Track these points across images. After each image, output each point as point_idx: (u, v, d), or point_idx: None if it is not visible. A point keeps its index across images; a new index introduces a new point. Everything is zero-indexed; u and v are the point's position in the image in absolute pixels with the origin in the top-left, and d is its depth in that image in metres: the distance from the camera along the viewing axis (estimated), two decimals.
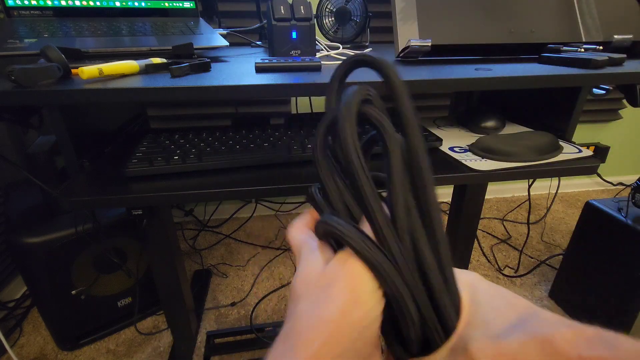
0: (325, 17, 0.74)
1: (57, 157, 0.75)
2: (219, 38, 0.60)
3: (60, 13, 0.63)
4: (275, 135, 0.54)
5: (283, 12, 0.51)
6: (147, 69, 0.43)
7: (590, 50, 0.52)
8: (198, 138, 0.53)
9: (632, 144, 1.61)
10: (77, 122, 0.49)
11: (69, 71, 0.39)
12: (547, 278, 1.11)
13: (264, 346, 0.86)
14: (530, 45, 0.55)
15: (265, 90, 0.38)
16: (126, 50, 0.52)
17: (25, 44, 0.50)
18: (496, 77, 0.42)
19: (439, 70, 0.47)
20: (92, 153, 0.52)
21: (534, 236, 1.32)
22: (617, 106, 1.45)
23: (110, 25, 0.61)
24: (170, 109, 1.11)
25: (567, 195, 1.63)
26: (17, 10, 0.60)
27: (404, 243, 0.16)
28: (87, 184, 0.45)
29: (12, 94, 0.34)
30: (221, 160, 0.47)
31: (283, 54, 0.53)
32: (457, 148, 0.55)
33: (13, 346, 0.88)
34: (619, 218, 0.82)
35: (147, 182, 0.45)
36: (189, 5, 0.71)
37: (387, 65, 0.17)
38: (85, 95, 0.35)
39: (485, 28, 0.53)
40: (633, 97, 0.51)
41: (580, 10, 0.56)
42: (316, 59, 0.47)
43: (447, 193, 1.57)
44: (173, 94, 0.37)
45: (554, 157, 0.51)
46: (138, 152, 0.49)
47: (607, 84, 0.53)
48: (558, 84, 0.44)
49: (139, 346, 0.90)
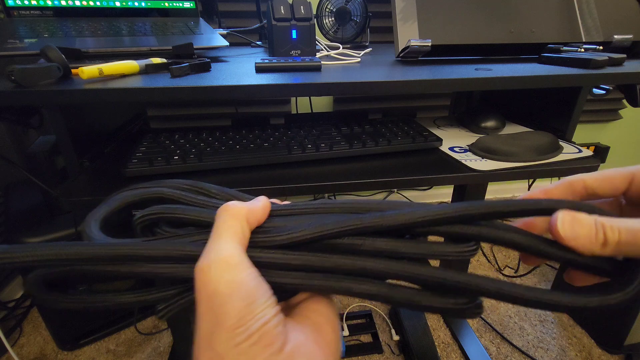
0: (325, 17, 0.74)
1: (57, 157, 0.75)
2: (219, 38, 0.60)
3: (60, 13, 0.63)
4: (275, 135, 0.54)
5: (283, 12, 0.51)
6: (147, 69, 0.43)
7: (590, 50, 0.52)
8: (198, 138, 0.53)
9: (632, 144, 1.61)
10: (77, 122, 0.49)
11: (69, 71, 0.39)
12: (547, 278, 1.11)
13: None
14: (530, 45, 0.55)
15: (265, 90, 0.38)
16: (126, 50, 0.52)
17: (25, 44, 0.50)
18: (496, 77, 0.42)
19: (439, 70, 0.47)
20: (92, 153, 0.52)
21: None
22: (617, 106, 1.45)
23: (110, 25, 0.61)
24: (170, 109, 1.11)
25: None
26: (17, 10, 0.60)
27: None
28: (87, 184, 0.45)
29: (12, 94, 0.34)
30: (221, 160, 0.47)
31: (283, 54, 0.53)
32: (457, 148, 0.55)
33: (13, 346, 0.88)
34: None
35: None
36: (189, 5, 0.71)
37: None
38: (85, 95, 0.35)
39: (485, 28, 0.53)
40: (633, 97, 0.51)
41: (580, 10, 0.56)
42: (316, 59, 0.47)
43: (447, 193, 1.58)
44: (173, 94, 0.37)
45: (554, 157, 0.51)
46: (138, 152, 0.49)
47: (607, 84, 0.53)
48: (558, 84, 0.44)
49: (139, 346, 0.90)
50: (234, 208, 0.18)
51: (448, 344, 0.90)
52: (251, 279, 0.15)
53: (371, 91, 0.40)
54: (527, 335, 0.92)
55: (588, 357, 0.86)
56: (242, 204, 0.18)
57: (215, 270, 0.15)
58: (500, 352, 0.88)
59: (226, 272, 0.15)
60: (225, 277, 0.15)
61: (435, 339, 0.91)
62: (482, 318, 0.97)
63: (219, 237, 0.17)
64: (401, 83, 0.40)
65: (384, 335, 0.91)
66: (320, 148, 0.51)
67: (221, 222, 0.17)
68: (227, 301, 0.15)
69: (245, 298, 0.15)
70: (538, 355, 0.87)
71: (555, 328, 0.94)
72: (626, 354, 0.85)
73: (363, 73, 0.45)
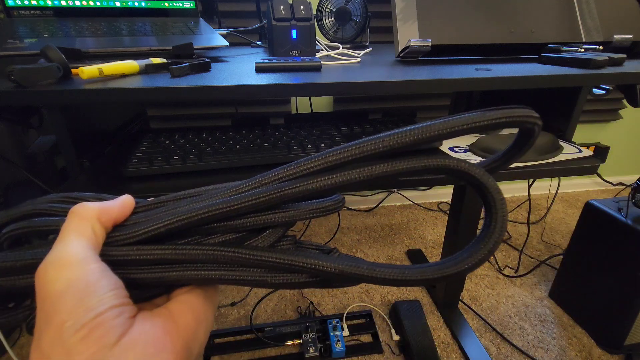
0: (325, 17, 0.74)
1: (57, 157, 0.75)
2: (219, 38, 0.60)
3: (60, 13, 0.63)
4: (275, 135, 0.54)
5: (283, 12, 0.51)
6: (147, 69, 0.43)
7: (590, 50, 0.52)
8: (198, 138, 0.53)
9: (632, 144, 1.61)
10: (77, 122, 0.49)
11: (69, 71, 0.39)
12: (547, 278, 1.11)
13: (264, 346, 0.86)
14: (530, 45, 0.55)
15: (265, 90, 0.38)
16: (126, 50, 0.52)
17: (25, 44, 0.50)
18: (496, 77, 0.42)
19: (439, 70, 0.47)
20: (92, 153, 0.52)
21: (534, 236, 1.32)
22: (617, 106, 1.45)
23: (110, 25, 0.61)
24: (170, 109, 1.11)
25: (567, 195, 1.63)
26: (17, 10, 0.60)
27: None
28: (87, 184, 0.45)
29: (12, 94, 0.34)
30: (221, 160, 0.48)
31: (283, 54, 0.53)
32: (457, 148, 0.55)
33: (13, 346, 0.88)
34: (619, 218, 0.82)
35: (147, 182, 0.45)
36: (189, 5, 0.71)
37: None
38: (85, 95, 0.35)
39: (485, 28, 0.53)
40: (633, 97, 0.51)
41: (580, 10, 0.56)
42: (316, 59, 0.47)
43: (447, 193, 1.58)
44: (173, 94, 0.37)
45: (554, 157, 0.51)
46: (138, 152, 0.49)
47: (607, 84, 0.53)
48: (558, 84, 0.44)
49: None
50: (81, 209, 0.18)
51: (448, 344, 0.90)
52: (91, 275, 0.15)
53: (371, 91, 0.40)
54: (527, 335, 0.92)
55: (588, 357, 0.86)
56: (91, 204, 0.18)
57: (52, 271, 0.15)
58: (500, 352, 0.88)
59: (62, 271, 0.15)
60: (61, 276, 0.14)
61: (435, 339, 0.91)
62: (482, 318, 0.97)
63: (62, 239, 0.16)
64: (401, 83, 0.40)
65: (384, 335, 0.91)
66: (320, 148, 0.51)
67: (66, 224, 0.17)
68: (59, 298, 0.14)
69: (78, 293, 0.14)
70: (538, 355, 0.87)
71: (555, 328, 0.94)
72: (626, 354, 0.85)
73: (363, 73, 0.45)
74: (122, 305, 0.15)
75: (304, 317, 0.95)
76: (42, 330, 0.14)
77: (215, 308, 0.20)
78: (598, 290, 0.88)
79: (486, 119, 0.16)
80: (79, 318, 0.13)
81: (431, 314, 0.99)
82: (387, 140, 0.16)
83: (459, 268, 0.16)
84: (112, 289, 0.15)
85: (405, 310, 0.91)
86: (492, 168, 0.20)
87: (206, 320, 0.19)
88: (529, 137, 0.18)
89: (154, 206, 0.20)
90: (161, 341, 0.15)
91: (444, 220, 1.41)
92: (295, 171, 0.18)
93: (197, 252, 0.18)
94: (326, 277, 0.18)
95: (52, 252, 0.16)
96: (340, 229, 1.36)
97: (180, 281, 0.18)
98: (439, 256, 1.19)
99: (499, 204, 0.17)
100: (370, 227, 1.37)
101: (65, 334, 0.13)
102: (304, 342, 0.84)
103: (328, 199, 0.20)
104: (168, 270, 0.18)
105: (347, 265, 0.17)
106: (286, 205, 0.19)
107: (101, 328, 0.14)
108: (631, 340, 0.83)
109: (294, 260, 0.18)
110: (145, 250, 0.18)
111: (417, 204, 1.53)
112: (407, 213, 1.47)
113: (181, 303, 0.18)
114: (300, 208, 0.19)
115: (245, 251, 0.18)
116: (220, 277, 0.18)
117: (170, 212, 0.18)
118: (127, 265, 0.18)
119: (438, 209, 1.50)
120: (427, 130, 0.16)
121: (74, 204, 0.19)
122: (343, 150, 0.17)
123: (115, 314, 0.14)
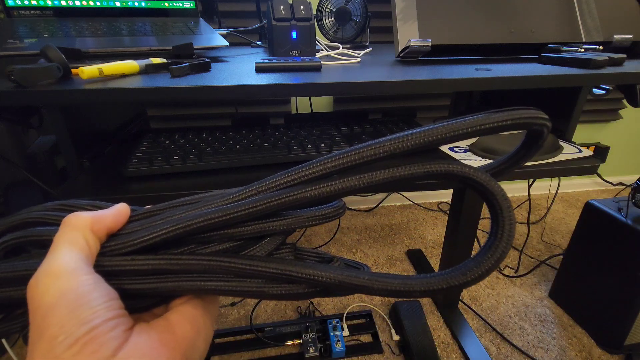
0: (325, 17, 0.74)
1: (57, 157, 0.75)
2: (219, 38, 0.60)
3: (60, 13, 0.63)
4: (275, 135, 0.54)
5: (283, 12, 0.51)
6: (147, 69, 0.43)
7: (590, 50, 0.52)
8: (198, 138, 0.53)
9: (632, 144, 1.61)
10: (77, 122, 0.49)
11: (69, 71, 0.39)
12: (547, 278, 1.11)
13: (264, 346, 0.86)
14: (530, 45, 0.55)
15: (265, 90, 0.38)
16: (126, 50, 0.52)
17: (25, 44, 0.50)
18: (496, 77, 0.42)
19: (439, 70, 0.47)
20: (92, 153, 0.52)
21: (534, 236, 1.32)
22: (617, 106, 1.45)
23: (110, 25, 0.61)
24: (170, 109, 1.11)
25: (567, 195, 1.63)
26: (17, 10, 0.60)
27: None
28: (87, 184, 0.45)
29: (12, 94, 0.34)
30: (221, 160, 0.48)
31: (283, 54, 0.53)
32: (457, 148, 0.55)
33: (13, 346, 0.88)
34: (619, 218, 0.82)
35: (147, 182, 0.45)
36: (189, 5, 0.71)
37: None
38: (85, 95, 0.35)
39: (485, 28, 0.53)
40: (633, 97, 0.51)
41: (580, 10, 0.56)
42: (316, 59, 0.47)
43: (447, 193, 1.58)
44: (173, 94, 0.37)
45: (554, 157, 0.51)
46: (138, 152, 0.49)
47: (607, 84, 0.53)
48: (558, 84, 0.44)
49: None
50: (73, 218, 0.17)
51: (448, 344, 0.90)
52: (82, 286, 0.14)
53: (371, 91, 0.40)
54: (527, 335, 0.92)
55: (588, 357, 0.86)
56: (85, 214, 0.18)
57: (43, 283, 0.14)
58: (500, 352, 0.88)
59: (54, 282, 0.14)
60: (52, 288, 0.14)
61: (435, 339, 0.90)
62: (482, 318, 0.97)
63: (53, 250, 0.16)
64: (401, 83, 0.40)
65: (384, 335, 0.91)
66: (320, 148, 0.51)
67: (58, 235, 0.17)
68: (50, 311, 0.14)
69: (69, 305, 0.14)
70: (538, 355, 0.87)
71: (555, 328, 0.94)
72: (626, 354, 0.85)
73: (363, 73, 0.45)
74: (117, 317, 0.15)
75: (304, 317, 0.95)
76: (34, 344, 0.14)
77: (215, 317, 0.20)
78: (598, 290, 0.88)
79: (491, 122, 0.15)
80: (71, 332, 0.13)
81: (431, 314, 0.99)
82: (388, 145, 0.16)
83: (465, 279, 0.15)
84: (106, 300, 0.15)
85: (405, 310, 0.91)
86: (498, 172, 0.19)
87: (205, 330, 0.18)
88: (537, 139, 0.17)
89: (150, 214, 0.20)
90: (158, 354, 0.15)
91: (444, 220, 1.41)
92: (294, 178, 0.17)
93: (193, 262, 0.17)
94: (326, 287, 0.18)
95: (44, 264, 0.15)
96: (340, 229, 1.36)
97: (176, 292, 0.18)
98: (439, 256, 1.19)
99: (505, 212, 0.16)
100: (370, 227, 1.37)
101: (57, 349, 0.13)
102: (304, 342, 0.84)
103: (328, 205, 0.19)
104: (163, 281, 0.18)
105: (348, 276, 0.17)
106: (285, 213, 0.19)
107: (95, 342, 0.13)
108: (631, 340, 0.83)
109: (292, 270, 0.17)
110: (139, 261, 0.17)
111: (417, 204, 1.53)
112: (407, 213, 1.47)
113: (179, 313, 0.18)
114: (300, 215, 0.19)
115: (241, 261, 0.17)
116: (216, 287, 0.18)
117: (166, 221, 0.18)
118: (122, 275, 0.17)
119: (438, 209, 1.50)
120: (429, 134, 0.15)
121: (71, 212, 0.18)
122: (342, 157, 0.16)
123: (110, 327, 0.14)
